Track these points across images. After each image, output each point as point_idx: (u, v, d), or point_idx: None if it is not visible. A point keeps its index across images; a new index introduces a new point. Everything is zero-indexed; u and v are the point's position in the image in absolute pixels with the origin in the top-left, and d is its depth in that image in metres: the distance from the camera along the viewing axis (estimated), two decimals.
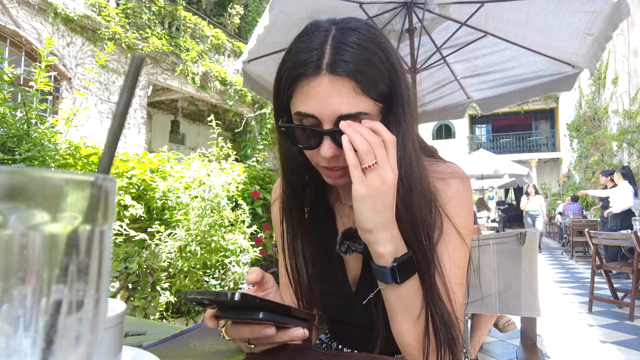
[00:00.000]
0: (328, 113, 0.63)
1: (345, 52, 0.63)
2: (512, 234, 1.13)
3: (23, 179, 0.19)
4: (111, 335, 0.42)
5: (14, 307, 0.19)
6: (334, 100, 0.63)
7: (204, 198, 2.87)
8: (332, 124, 0.64)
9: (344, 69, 0.62)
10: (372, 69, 0.64)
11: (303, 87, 0.64)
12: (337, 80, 0.63)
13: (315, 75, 0.63)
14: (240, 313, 0.57)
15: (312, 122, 0.66)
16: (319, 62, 0.63)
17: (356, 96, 0.63)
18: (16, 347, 0.19)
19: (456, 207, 0.73)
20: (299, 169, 0.75)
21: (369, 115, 0.65)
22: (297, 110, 0.66)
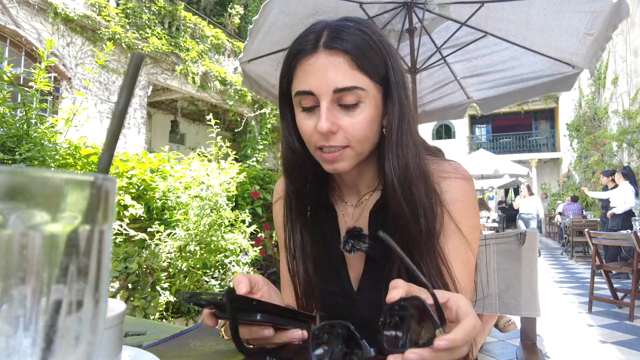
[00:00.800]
0: (325, 87, 0.65)
1: (341, 32, 0.66)
2: (512, 234, 1.13)
3: (23, 179, 0.19)
4: (111, 335, 0.42)
5: (13, 307, 0.19)
6: (330, 74, 0.65)
7: (202, 197, 2.87)
8: (329, 99, 0.66)
9: (340, 44, 0.65)
10: (367, 49, 0.67)
11: (301, 66, 0.67)
12: (333, 54, 0.65)
13: (313, 53, 0.66)
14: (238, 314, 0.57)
15: (311, 102, 0.68)
16: (317, 42, 0.66)
17: (351, 70, 0.65)
18: (16, 347, 0.19)
19: (463, 208, 0.73)
20: (300, 162, 0.76)
21: (366, 92, 0.66)
22: (297, 90, 0.68)
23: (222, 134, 3.74)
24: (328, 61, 0.65)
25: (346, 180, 0.81)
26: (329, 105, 0.66)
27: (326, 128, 0.65)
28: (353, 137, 0.67)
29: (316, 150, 0.70)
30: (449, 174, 0.75)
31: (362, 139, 0.68)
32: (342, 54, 0.65)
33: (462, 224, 0.72)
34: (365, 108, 0.67)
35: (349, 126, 0.67)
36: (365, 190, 0.80)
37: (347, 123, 0.67)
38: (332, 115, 0.66)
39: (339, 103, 0.67)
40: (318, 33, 0.67)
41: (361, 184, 0.80)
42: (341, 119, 0.67)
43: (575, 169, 13.62)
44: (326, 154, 0.69)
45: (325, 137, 0.67)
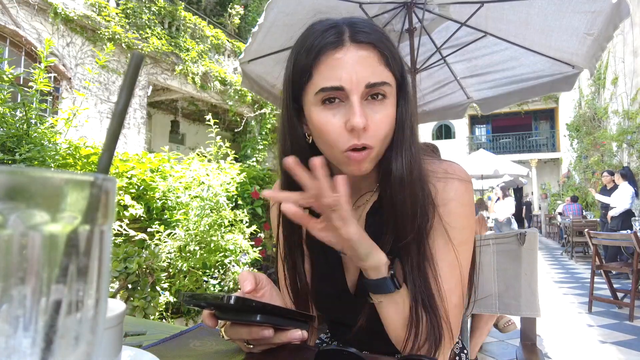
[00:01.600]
0: (356, 81, 0.63)
1: (364, 26, 0.65)
2: (511, 234, 1.13)
3: (23, 179, 0.19)
4: (111, 335, 0.42)
5: (13, 307, 0.19)
6: (361, 68, 0.63)
7: (203, 197, 2.87)
8: (360, 94, 0.63)
9: (367, 38, 0.64)
10: (389, 44, 0.66)
11: (327, 60, 0.64)
12: (362, 48, 0.64)
13: (340, 46, 0.64)
14: (238, 315, 0.58)
15: (337, 97, 0.65)
16: (341, 35, 0.64)
17: (380, 66, 0.64)
18: (16, 347, 0.19)
19: (454, 208, 0.72)
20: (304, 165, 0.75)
21: (391, 88, 0.66)
22: (321, 87, 0.64)
23: (222, 134, 3.74)
24: (357, 55, 0.63)
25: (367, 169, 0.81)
26: (361, 101, 0.63)
27: (362, 123, 0.62)
28: (378, 134, 0.65)
29: (342, 153, 0.66)
30: (445, 174, 0.75)
31: (384, 137, 0.66)
32: (371, 47, 0.63)
33: (454, 225, 0.71)
34: (389, 105, 0.66)
35: (378, 122, 0.65)
36: (364, 193, 0.79)
37: (376, 119, 0.65)
38: (363, 111, 0.64)
39: (366, 98, 0.65)
40: (339, 28, 0.65)
41: (362, 185, 0.79)
42: (370, 116, 0.64)
43: (575, 169, 13.62)
44: (356, 154, 0.65)
45: (356, 135, 0.64)
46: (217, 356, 0.62)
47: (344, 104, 0.64)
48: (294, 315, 0.62)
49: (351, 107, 0.63)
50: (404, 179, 0.67)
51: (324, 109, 0.65)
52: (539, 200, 18.46)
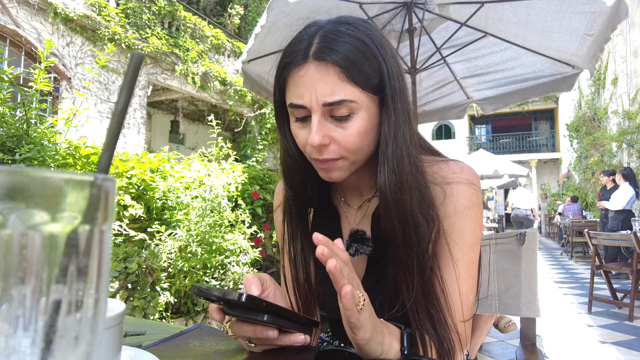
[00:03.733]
0: (314, 100, 0.63)
1: (332, 41, 0.64)
2: (511, 235, 1.13)
3: (23, 179, 0.19)
4: (110, 335, 0.42)
5: (13, 307, 0.19)
6: (319, 87, 0.63)
7: (205, 198, 2.87)
8: (320, 113, 0.64)
9: (329, 55, 0.63)
10: (360, 58, 0.64)
11: (292, 77, 0.66)
12: (321, 66, 0.63)
13: (302, 64, 0.64)
14: (245, 312, 0.58)
15: (303, 113, 0.66)
16: (307, 51, 0.64)
17: (341, 83, 0.63)
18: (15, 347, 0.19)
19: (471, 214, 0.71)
20: (299, 170, 0.74)
21: (357, 104, 0.64)
22: (289, 102, 0.67)
23: (222, 134, 3.74)
24: (317, 73, 0.63)
25: (348, 183, 0.80)
26: (320, 118, 0.64)
27: (317, 141, 0.64)
28: (346, 149, 0.66)
29: (311, 159, 0.69)
30: (456, 176, 0.73)
31: (355, 150, 0.67)
32: (332, 65, 0.63)
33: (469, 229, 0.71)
34: (358, 120, 0.65)
35: (341, 138, 0.65)
36: (367, 192, 0.79)
37: (339, 135, 0.65)
38: (323, 127, 0.65)
39: (331, 115, 0.65)
40: (308, 41, 0.65)
41: (363, 186, 0.79)
42: (333, 131, 0.65)
43: (575, 170, 13.62)
44: (320, 164, 0.68)
45: (317, 150, 0.66)
46: (216, 356, 0.62)
47: (310, 119, 0.66)
48: (299, 319, 0.62)
49: (311, 124, 0.65)
50: (388, 196, 0.66)
51: (295, 121, 0.69)
52: (539, 201, 18.47)
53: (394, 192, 0.66)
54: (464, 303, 0.70)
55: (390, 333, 0.60)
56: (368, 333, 0.55)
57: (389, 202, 0.66)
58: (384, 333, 0.59)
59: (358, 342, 0.56)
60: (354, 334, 0.55)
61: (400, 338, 0.61)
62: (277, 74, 0.69)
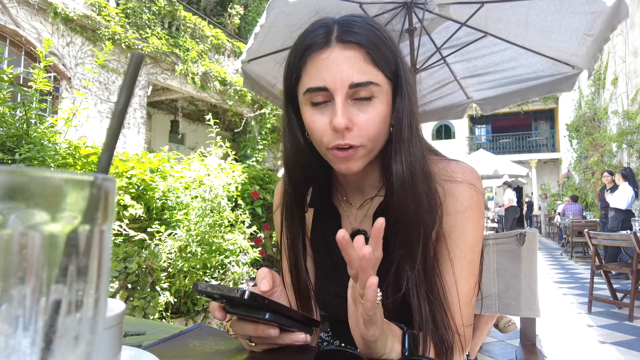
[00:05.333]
0: (339, 82, 0.63)
1: (353, 26, 0.64)
2: (511, 235, 1.13)
3: (22, 179, 0.19)
4: (110, 335, 0.42)
5: (13, 307, 0.19)
6: (345, 68, 0.63)
7: (205, 198, 2.87)
8: (344, 95, 0.64)
9: (354, 38, 0.63)
10: (379, 43, 0.65)
11: (312, 60, 0.65)
12: (347, 48, 0.63)
13: (325, 47, 0.64)
14: (248, 311, 0.58)
15: (323, 97, 0.65)
16: (328, 36, 0.64)
17: (367, 65, 0.64)
18: (15, 346, 0.19)
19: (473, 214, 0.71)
20: (304, 163, 0.73)
21: (379, 87, 0.65)
22: (307, 87, 0.65)
23: (221, 134, 3.74)
24: (342, 55, 0.63)
25: (350, 181, 0.80)
26: (344, 100, 0.64)
27: (343, 124, 0.63)
28: (367, 134, 0.65)
29: (328, 150, 0.67)
30: (457, 176, 0.73)
31: (374, 137, 0.66)
32: (357, 47, 0.63)
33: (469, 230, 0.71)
34: (378, 104, 0.65)
35: (363, 122, 0.65)
36: (369, 191, 0.79)
37: (361, 119, 0.65)
38: (347, 110, 0.64)
39: (353, 98, 0.65)
40: (328, 28, 0.65)
41: (365, 184, 0.79)
42: (355, 115, 0.65)
43: (575, 170, 13.63)
44: (340, 152, 0.66)
45: (340, 135, 0.64)
46: (216, 356, 0.62)
47: (330, 103, 0.65)
48: (301, 318, 0.62)
49: (334, 107, 0.64)
50: (405, 179, 0.66)
51: (312, 109, 0.67)
52: (539, 201, 18.47)
53: (410, 175, 0.66)
54: (465, 303, 0.70)
55: (393, 334, 0.61)
56: (379, 331, 0.55)
57: (406, 185, 0.66)
58: (387, 334, 0.59)
59: (368, 339, 0.56)
60: (367, 330, 0.55)
61: (402, 339, 0.61)
62: (293, 60, 0.68)
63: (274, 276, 0.66)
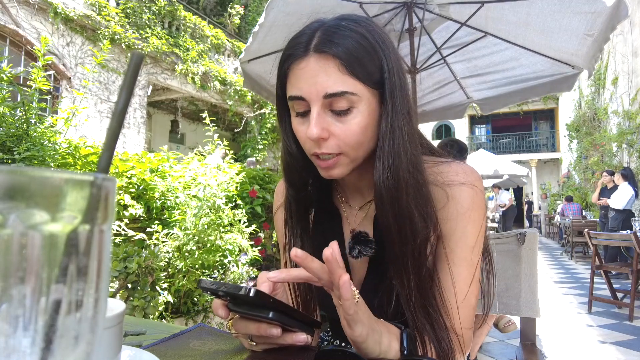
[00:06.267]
0: (314, 92, 0.63)
1: (333, 34, 0.64)
2: (511, 234, 1.13)
3: (22, 179, 0.19)
4: (110, 334, 0.42)
5: (13, 307, 0.19)
6: (320, 79, 0.63)
7: (200, 198, 2.87)
8: (320, 105, 0.64)
9: (330, 48, 0.63)
10: (361, 52, 0.64)
11: (293, 70, 0.66)
12: (322, 58, 0.63)
13: (303, 56, 0.64)
14: (251, 309, 0.57)
15: (303, 107, 0.66)
16: (307, 44, 0.64)
17: (342, 75, 0.63)
18: (15, 346, 0.19)
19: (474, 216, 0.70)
20: (299, 168, 0.74)
21: (358, 97, 0.64)
22: (289, 94, 0.67)
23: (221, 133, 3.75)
24: (318, 65, 0.63)
25: (348, 183, 0.80)
26: (320, 111, 0.64)
27: (315, 134, 0.63)
28: (345, 143, 0.65)
29: (312, 156, 0.68)
30: (458, 177, 0.72)
31: (355, 146, 0.66)
32: (332, 58, 0.63)
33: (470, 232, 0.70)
34: (358, 114, 0.64)
35: (340, 132, 0.65)
36: (368, 192, 0.79)
37: (338, 129, 0.65)
38: (322, 121, 0.64)
39: (331, 109, 0.65)
40: (310, 35, 0.65)
41: (363, 185, 0.78)
42: (333, 125, 0.65)
43: (575, 170, 13.63)
44: (320, 161, 0.67)
45: (317, 144, 0.65)
46: (217, 356, 0.62)
47: (309, 113, 0.66)
48: (303, 318, 0.62)
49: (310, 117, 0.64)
50: (382, 192, 0.66)
51: (296, 116, 0.68)
52: (539, 201, 18.47)
53: (389, 188, 0.65)
54: (464, 306, 0.69)
55: (390, 332, 0.60)
56: (365, 330, 0.56)
57: (383, 198, 0.66)
58: (382, 332, 0.59)
59: (355, 339, 0.56)
60: (352, 330, 0.55)
61: (400, 338, 0.61)
62: (279, 68, 0.69)
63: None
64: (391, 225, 0.66)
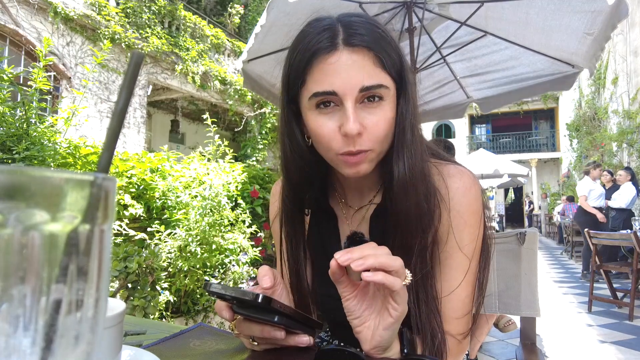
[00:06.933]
0: (350, 87, 0.62)
1: (358, 27, 0.63)
2: (511, 234, 1.13)
3: (22, 178, 0.19)
4: (111, 334, 0.42)
5: (13, 307, 0.19)
6: (355, 72, 0.61)
7: (205, 197, 2.87)
8: (354, 99, 0.62)
9: (362, 40, 0.62)
10: (385, 44, 0.64)
11: (320, 65, 0.63)
12: (356, 52, 0.62)
13: (333, 51, 0.62)
14: (256, 312, 0.58)
15: (332, 102, 0.64)
16: (334, 39, 0.62)
17: (376, 68, 0.63)
18: (16, 346, 0.19)
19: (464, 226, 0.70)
20: (305, 167, 0.71)
21: (388, 90, 0.64)
22: (314, 91, 0.63)
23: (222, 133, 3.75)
24: (351, 59, 0.61)
25: (350, 183, 0.79)
26: (355, 105, 0.62)
27: (356, 130, 0.61)
28: (376, 137, 0.64)
29: (338, 155, 0.65)
30: (455, 180, 0.72)
31: (383, 140, 0.65)
32: (366, 50, 0.62)
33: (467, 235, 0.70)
34: (386, 106, 0.64)
35: (372, 126, 0.63)
36: (368, 192, 0.78)
37: (370, 123, 0.63)
38: (358, 116, 0.63)
39: (362, 102, 0.63)
40: (332, 30, 0.63)
41: (364, 186, 0.78)
42: (365, 119, 0.63)
43: (575, 169, 13.63)
44: (351, 157, 0.64)
45: (351, 141, 0.63)
46: (217, 355, 0.62)
47: (338, 108, 0.64)
48: (305, 321, 0.62)
49: (345, 112, 0.62)
50: (407, 182, 0.65)
51: (318, 113, 0.65)
52: (539, 200, 18.47)
53: (411, 177, 0.66)
54: (459, 308, 0.70)
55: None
56: (405, 307, 0.57)
57: (408, 187, 0.65)
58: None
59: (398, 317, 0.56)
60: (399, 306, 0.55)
61: (400, 338, 0.61)
62: (298, 65, 0.65)
63: (275, 274, 0.66)
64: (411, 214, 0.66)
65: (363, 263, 0.52)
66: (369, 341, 0.58)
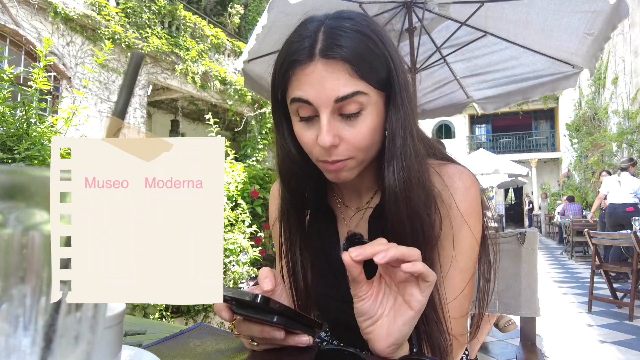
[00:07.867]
0: (324, 97, 0.61)
1: (338, 37, 0.61)
2: (511, 234, 1.13)
3: (22, 178, 0.19)
4: (110, 334, 0.42)
5: (13, 306, 0.19)
6: (329, 84, 0.61)
7: None
8: (330, 110, 0.61)
9: (338, 52, 0.60)
10: (367, 53, 0.62)
11: (296, 75, 0.63)
12: (330, 64, 0.61)
13: (309, 62, 0.61)
14: (256, 313, 0.58)
15: (309, 112, 0.63)
16: (312, 49, 0.61)
17: (351, 79, 0.61)
18: (16, 346, 0.19)
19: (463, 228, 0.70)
20: (298, 171, 0.72)
21: (368, 97, 0.62)
22: (294, 96, 0.63)
23: (222, 133, 3.74)
24: (326, 71, 0.60)
25: (347, 184, 0.78)
26: (330, 117, 0.62)
27: (329, 142, 0.61)
28: (356, 147, 0.64)
29: (318, 161, 0.67)
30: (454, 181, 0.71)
31: (365, 149, 0.65)
32: (341, 63, 0.60)
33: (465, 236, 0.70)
34: (368, 116, 0.63)
35: (351, 137, 0.63)
36: (366, 193, 0.78)
37: (349, 134, 0.63)
38: (333, 127, 0.62)
39: (340, 113, 0.63)
40: (312, 38, 0.62)
41: (362, 186, 0.78)
42: (343, 130, 0.63)
43: (575, 169, 13.63)
44: (329, 165, 0.65)
45: (327, 151, 0.63)
46: (217, 355, 0.62)
47: (317, 118, 0.63)
48: (305, 320, 0.62)
49: (320, 124, 0.62)
50: (398, 192, 0.65)
51: (299, 120, 0.65)
52: (539, 200, 18.47)
53: (403, 189, 0.64)
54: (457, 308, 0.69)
55: None
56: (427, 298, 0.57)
57: (398, 199, 0.65)
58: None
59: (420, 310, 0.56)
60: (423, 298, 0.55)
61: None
62: (279, 72, 0.66)
63: (276, 275, 0.66)
64: (405, 225, 0.65)
65: (385, 255, 0.51)
66: (385, 338, 0.57)
